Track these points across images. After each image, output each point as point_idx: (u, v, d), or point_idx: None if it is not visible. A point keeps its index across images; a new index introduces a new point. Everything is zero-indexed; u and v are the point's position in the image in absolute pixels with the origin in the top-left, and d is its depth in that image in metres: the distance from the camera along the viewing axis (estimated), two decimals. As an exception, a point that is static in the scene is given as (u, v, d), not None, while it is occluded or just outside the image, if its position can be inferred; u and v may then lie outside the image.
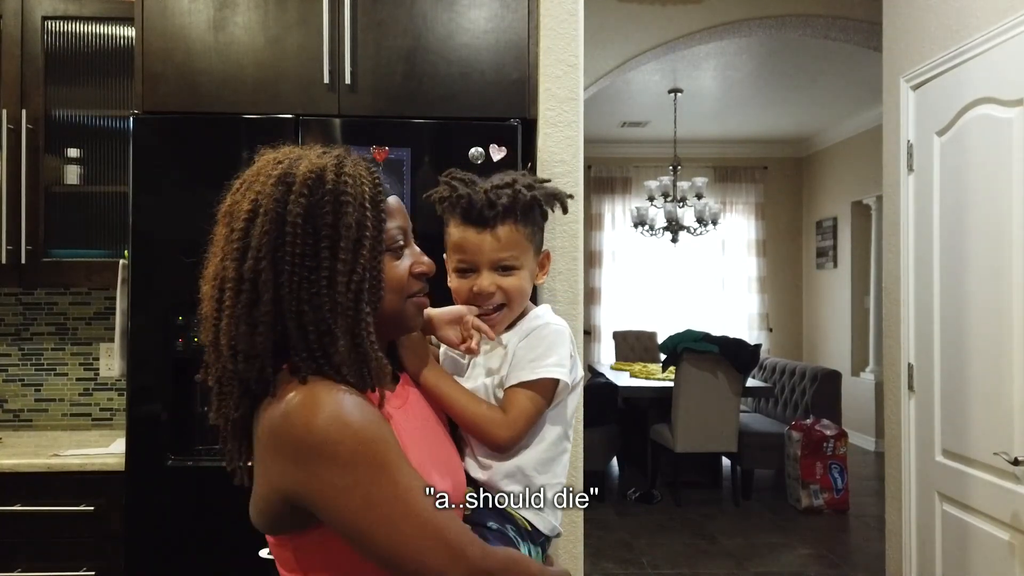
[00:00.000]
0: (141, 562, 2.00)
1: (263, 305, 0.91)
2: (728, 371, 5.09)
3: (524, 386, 1.12)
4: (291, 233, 0.91)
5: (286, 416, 0.89)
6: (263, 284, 0.91)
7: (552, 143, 2.23)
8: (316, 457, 0.88)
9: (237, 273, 0.92)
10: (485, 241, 1.15)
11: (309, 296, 0.91)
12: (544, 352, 1.14)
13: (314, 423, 0.88)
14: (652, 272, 8.37)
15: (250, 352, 0.92)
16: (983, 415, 2.26)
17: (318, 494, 0.89)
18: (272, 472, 0.91)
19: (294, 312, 0.91)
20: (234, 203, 0.96)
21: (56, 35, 2.41)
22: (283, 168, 0.95)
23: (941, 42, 2.50)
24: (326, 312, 0.92)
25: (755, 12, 4.34)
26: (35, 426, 2.66)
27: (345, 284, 0.92)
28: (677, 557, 4.34)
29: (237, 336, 0.92)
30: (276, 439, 0.90)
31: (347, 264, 0.92)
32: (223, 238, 0.95)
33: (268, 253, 0.91)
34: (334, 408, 0.89)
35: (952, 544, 2.42)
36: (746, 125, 7.72)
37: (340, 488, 0.88)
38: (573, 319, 2.23)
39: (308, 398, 0.90)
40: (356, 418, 0.90)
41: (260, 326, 0.91)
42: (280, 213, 0.92)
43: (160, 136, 2.05)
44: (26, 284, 2.42)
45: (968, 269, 2.34)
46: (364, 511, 0.89)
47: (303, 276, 0.91)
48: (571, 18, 2.23)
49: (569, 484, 1.24)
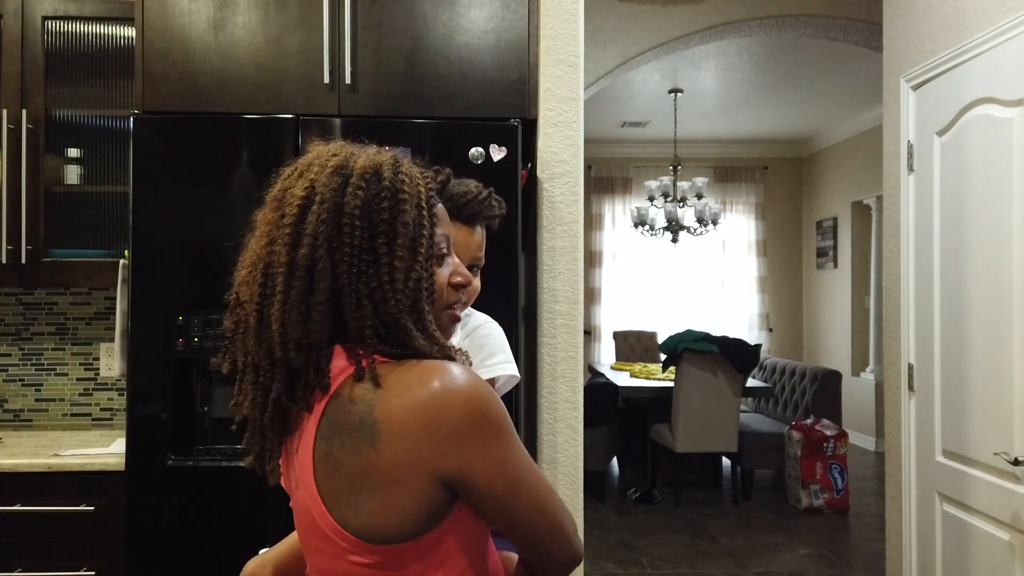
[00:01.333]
0: (141, 562, 2.00)
1: (319, 294, 0.89)
2: (728, 371, 5.09)
3: None
4: (348, 224, 0.90)
5: (435, 398, 0.87)
6: (320, 272, 0.89)
7: (552, 143, 2.23)
8: (476, 432, 0.88)
9: (290, 258, 0.90)
10: (470, 238, 1.20)
11: (369, 290, 0.90)
12: (492, 351, 1.21)
13: (467, 400, 0.87)
14: (652, 272, 8.37)
15: (303, 340, 0.89)
16: (983, 415, 2.26)
17: (480, 469, 0.88)
18: (428, 457, 0.87)
19: (354, 305, 0.90)
20: (286, 189, 0.94)
21: (56, 35, 2.41)
22: (339, 160, 0.94)
23: (941, 42, 2.50)
24: (391, 306, 0.90)
25: (755, 12, 4.34)
26: (35, 426, 2.66)
27: (403, 281, 0.91)
28: (677, 557, 4.34)
29: (289, 323, 0.89)
30: (430, 422, 0.86)
31: (404, 261, 0.91)
32: (271, 223, 0.93)
33: (325, 242, 0.89)
34: (472, 383, 0.89)
35: (952, 544, 2.42)
36: (746, 125, 7.72)
37: (497, 459, 0.89)
38: (573, 319, 2.23)
39: (446, 377, 0.88)
40: (488, 391, 0.91)
41: (315, 315, 0.89)
42: (338, 203, 0.90)
43: (160, 136, 2.05)
44: (26, 284, 2.42)
45: (968, 269, 2.34)
46: (518, 478, 0.91)
47: (362, 269, 0.90)
48: (571, 18, 2.23)
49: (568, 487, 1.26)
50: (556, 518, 0.96)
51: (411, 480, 0.87)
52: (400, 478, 0.87)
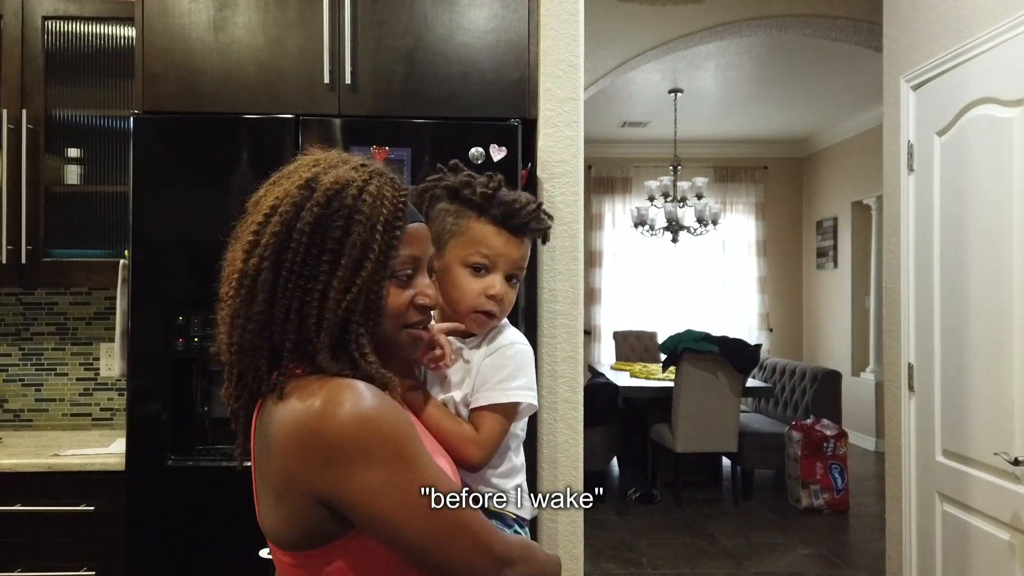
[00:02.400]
0: (141, 562, 2.00)
1: (256, 304, 0.92)
2: (728, 371, 5.09)
3: (493, 408, 1.13)
4: (296, 240, 0.92)
5: (313, 417, 0.87)
6: (261, 283, 0.92)
7: (552, 143, 2.23)
8: (351, 456, 0.86)
9: (243, 266, 0.93)
10: (515, 248, 1.16)
11: (300, 305, 0.92)
12: (512, 374, 1.15)
13: (345, 421, 0.87)
14: (652, 272, 8.37)
15: (241, 346, 0.93)
16: (983, 415, 2.26)
17: (355, 494, 0.87)
18: (303, 477, 0.88)
19: (281, 318, 0.92)
20: (262, 196, 0.97)
21: (56, 35, 2.41)
22: (313, 172, 0.95)
23: (941, 42, 2.50)
24: (311, 324, 0.92)
25: (755, 12, 4.34)
26: (35, 426, 2.66)
27: (336, 301, 0.92)
28: (677, 557, 4.34)
29: (232, 328, 0.93)
30: (305, 441, 0.87)
31: (343, 282, 0.92)
32: (243, 227, 0.96)
33: (272, 254, 0.92)
34: (361, 404, 0.88)
35: (952, 544, 2.42)
36: (746, 125, 7.71)
37: (376, 487, 0.87)
38: (573, 319, 2.23)
39: (333, 396, 0.88)
40: (383, 413, 0.89)
41: (250, 324, 0.92)
42: (293, 217, 0.92)
43: (160, 136, 2.05)
44: (26, 284, 2.42)
45: (968, 269, 2.34)
46: (399, 508, 0.88)
47: (298, 284, 0.92)
48: (571, 18, 2.23)
49: (568, 484, 1.25)
50: (463, 552, 0.91)
51: (293, 495, 0.89)
52: (285, 491, 0.90)
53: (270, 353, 0.93)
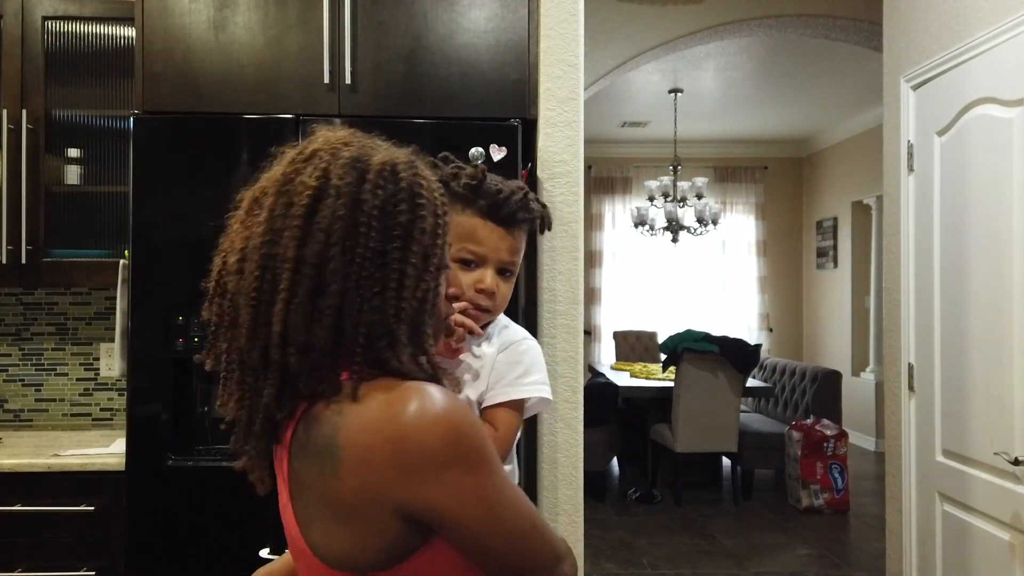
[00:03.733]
0: (141, 562, 2.00)
1: (329, 296, 0.82)
2: (728, 371, 5.09)
3: (512, 404, 1.13)
4: (365, 224, 0.83)
5: (399, 423, 0.80)
6: (331, 272, 0.82)
7: (552, 143, 2.23)
8: (442, 463, 0.80)
9: (298, 254, 0.82)
10: (504, 241, 1.14)
11: (371, 295, 0.83)
12: (528, 369, 1.16)
13: (432, 427, 0.80)
14: (652, 272, 8.37)
15: (306, 345, 0.82)
16: (983, 415, 2.26)
17: (446, 501, 0.80)
18: (386, 489, 0.80)
19: (355, 311, 0.83)
20: (291, 175, 0.86)
21: (56, 35, 2.41)
22: (353, 152, 0.87)
23: (941, 42, 2.50)
24: (390, 316, 0.84)
25: (755, 12, 4.34)
26: (35, 426, 2.66)
27: (412, 291, 0.85)
28: (677, 557, 4.34)
29: (292, 325, 0.82)
30: (390, 451, 0.79)
31: (416, 269, 0.85)
32: (272, 210, 0.85)
33: (339, 240, 0.82)
34: (444, 408, 0.82)
35: (952, 544, 2.42)
36: (746, 125, 7.71)
37: (467, 493, 0.81)
38: (573, 319, 2.23)
39: (414, 400, 0.81)
40: (464, 415, 0.84)
41: (323, 319, 0.82)
42: (356, 199, 0.83)
43: (160, 136, 2.05)
44: (26, 284, 2.42)
45: (968, 269, 2.34)
46: (488, 512, 0.83)
47: (371, 274, 0.83)
48: (571, 18, 2.23)
49: (568, 484, 1.25)
50: (535, 551, 0.88)
51: (373, 513, 0.81)
52: (362, 510, 0.81)
53: (338, 351, 0.83)
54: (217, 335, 0.89)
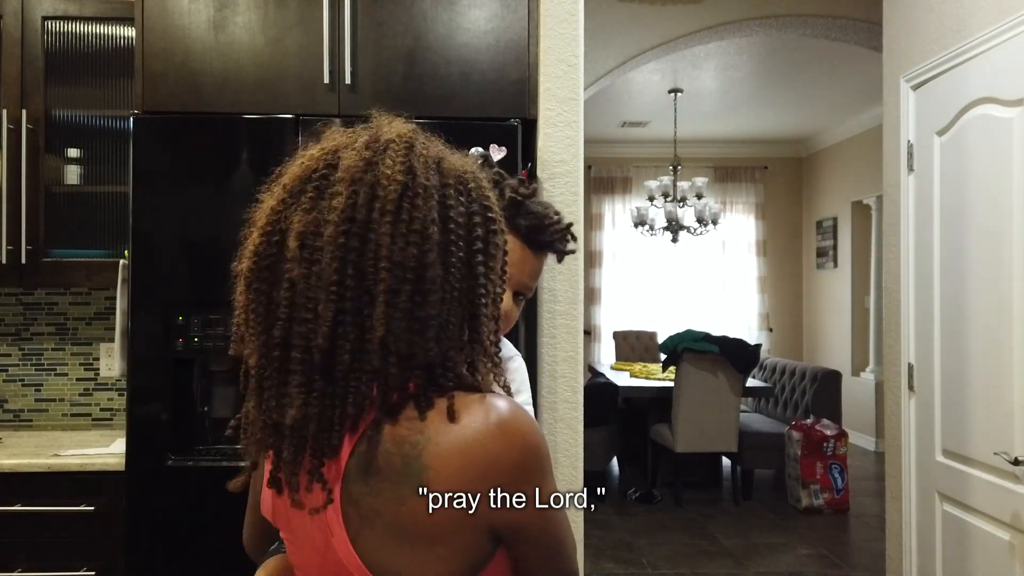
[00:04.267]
0: (141, 562, 2.00)
1: (431, 307, 0.77)
2: (728, 371, 5.09)
3: None
4: (454, 231, 0.79)
5: (489, 444, 0.76)
6: (429, 280, 0.77)
7: (552, 143, 2.23)
8: (531, 477, 0.78)
9: (394, 253, 0.76)
10: (531, 265, 1.10)
11: (463, 307, 0.80)
12: (519, 387, 1.13)
13: (527, 441, 0.78)
14: (652, 272, 8.37)
15: (408, 354, 0.77)
16: (983, 415, 2.26)
17: (529, 512, 0.79)
18: (481, 508, 0.76)
19: (455, 323, 0.79)
20: (369, 163, 0.80)
21: (56, 35, 2.41)
22: (430, 151, 0.82)
23: (941, 42, 2.50)
24: (479, 324, 0.82)
25: (755, 12, 4.34)
26: (35, 426, 2.66)
27: (492, 301, 0.83)
28: (677, 557, 4.34)
29: (395, 333, 0.76)
30: (488, 468, 0.76)
31: (495, 284, 0.83)
32: (351, 198, 0.77)
33: (435, 245, 0.77)
34: (527, 420, 0.80)
35: (952, 544, 2.42)
36: (746, 125, 7.71)
37: (545, 500, 0.80)
38: (573, 319, 2.23)
39: (500, 415, 0.78)
40: (536, 426, 0.82)
41: (428, 330, 0.77)
42: (444, 204, 0.79)
43: (160, 136, 2.05)
44: (26, 284, 2.42)
45: (968, 269, 2.34)
46: (551, 517, 0.83)
47: (464, 284, 0.80)
48: (571, 18, 2.23)
49: (568, 485, 1.24)
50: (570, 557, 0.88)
51: (466, 533, 0.77)
52: (452, 531, 0.76)
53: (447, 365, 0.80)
54: (257, 325, 0.79)
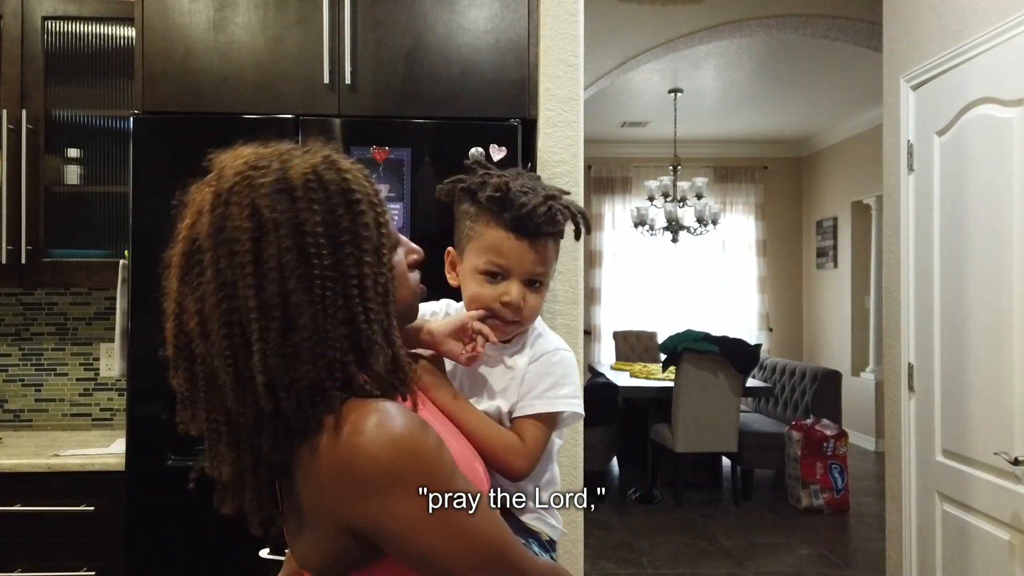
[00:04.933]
0: (141, 562, 2.00)
1: (301, 330, 0.81)
2: (728, 371, 5.09)
3: (539, 417, 1.10)
4: (314, 244, 0.82)
5: (345, 447, 0.80)
6: (295, 307, 0.81)
7: (552, 143, 2.23)
8: (385, 486, 0.80)
9: (259, 300, 0.80)
10: (529, 254, 1.10)
11: (338, 310, 0.83)
12: (558, 382, 1.12)
13: (378, 450, 0.80)
14: (652, 272, 8.37)
15: (292, 385, 0.81)
16: (983, 415, 2.26)
17: (390, 526, 0.81)
18: (336, 509, 0.82)
19: (328, 332, 0.82)
20: (219, 223, 0.83)
21: (56, 35, 2.41)
22: (270, 175, 0.84)
23: (941, 42, 2.50)
24: (361, 324, 0.84)
25: (755, 12, 4.34)
26: (35, 426, 2.66)
27: (374, 289, 0.85)
28: (677, 557, 4.34)
29: (273, 370, 0.81)
30: (338, 473, 0.81)
31: (373, 267, 0.85)
32: (215, 265, 0.82)
33: (293, 272, 0.81)
34: (393, 430, 0.81)
35: (952, 544, 2.42)
36: (746, 125, 7.71)
37: (412, 517, 0.81)
38: (573, 319, 2.23)
39: (363, 423, 0.81)
40: (415, 436, 0.82)
41: (304, 353, 0.81)
42: (296, 224, 0.82)
43: (160, 136, 2.05)
44: (26, 284, 2.42)
45: (968, 269, 2.34)
46: (437, 539, 0.82)
47: (336, 290, 0.82)
48: (571, 18, 2.23)
49: (568, 485, 1.23)
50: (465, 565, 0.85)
51: (324, 526, 0.84)
52: (315, 522, 0.85)
53: (335, 376, 0.83)
54: (193, 400, 0.88)
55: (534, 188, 1.12)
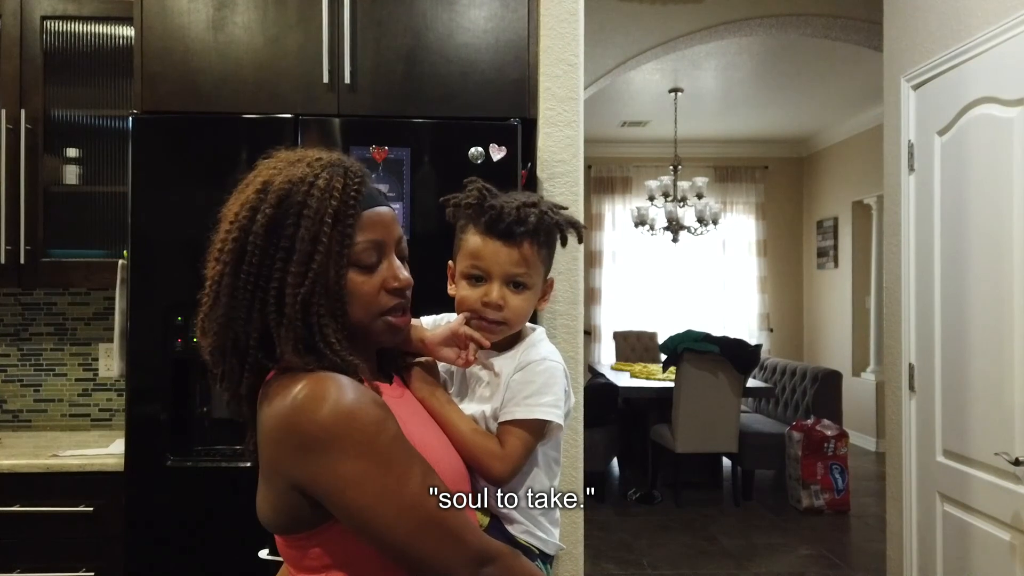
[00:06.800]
0: (141, 562, 1.99)
1: (220, 308, 0.97)
2: (729, 371, 5.09)
3: (517, 424, 1.13)
4: (252, 243, 0.96)
5: (292, 408, 0.92)
6: (223, 289, 0.97)
7: (552, 143, 2.22)
8: (325, 447, 0.90)
9: (210, 273, 0.99)
10: (504, 254, 1.15)
11: (259, 303, 0.97)
12: (539, 390, 1.14)
13: (321, 413, 0.90)
14: (652, 272, 8.36)
15: (213, 348, 0.99)
16: (984, 415, 2.25)
17: (328, 485, 0.91)
18: (282, 466, 0.93)
19: (243, 318, 0.97)
20: (229, 206, 1.01)
21: (55, 35, 2.40)
22: (269, 176, 1.00)
23: (942, 41, 2.50)
24: (271, 320, 0.96)
25: (755, 12, 4.33)
26: (34, 426, 2.66)
27: (292, 295, 0.96)
28: (678, 558, 4.34)
29: (204, 332, 1.00)
30: (284, 433, 0.92)
31: (296, 276, 0.96)
32: (216, 238, 1.01)
33: (231, 259, 0.97)
34: (339, 397, 0.92)
35: (953, 544, 2.42)
36: (746, 125, 7.71)
37: (349, 479, 0.90)
38: (573, 319, 2.23)
39: (312, 389, 0.92)
40: (361, 407, 0.92)
41: (215, 326, 0.98)
42: (248, 222, 0.97)
43: (160, 136, 2.04)
44: (25, 284, 2.41)
45: (969, 269, 2.33)
46: (372, 501, 0.91)
47: (257, 284, 0.96)
48: (571, 18, 2.23)
49: (569, 485, 1.24)
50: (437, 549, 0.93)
51: (275, 482, 0.96)
52: (269, 478, 0.97)
53: (240, 352, 0.98)
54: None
55: (517, 198, 1.17)
